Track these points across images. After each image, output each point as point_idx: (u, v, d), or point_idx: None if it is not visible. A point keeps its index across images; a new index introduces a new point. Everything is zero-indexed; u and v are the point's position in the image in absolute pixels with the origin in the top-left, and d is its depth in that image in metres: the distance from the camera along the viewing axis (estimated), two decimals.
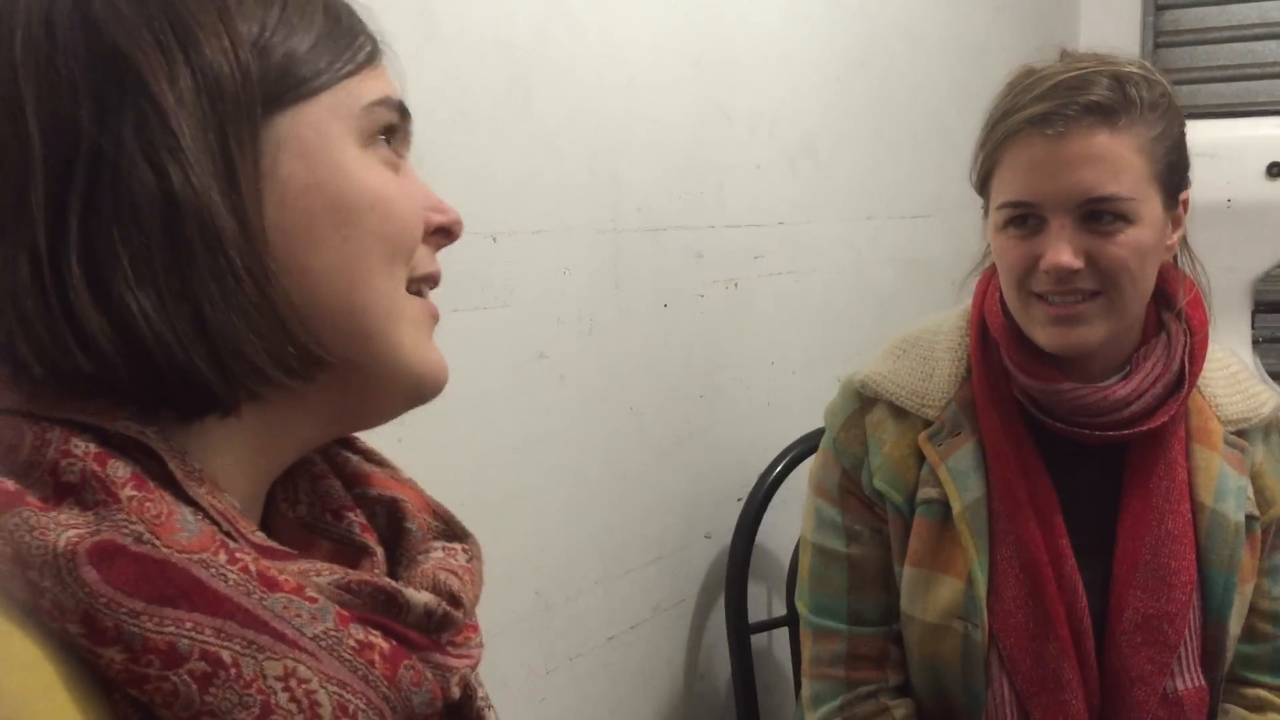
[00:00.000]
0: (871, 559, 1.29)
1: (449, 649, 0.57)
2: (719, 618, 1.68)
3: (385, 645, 0.52)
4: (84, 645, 0.46)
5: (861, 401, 1.31)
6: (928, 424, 1.26)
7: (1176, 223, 1.22)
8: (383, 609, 0.54)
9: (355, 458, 0.66)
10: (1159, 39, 2.97)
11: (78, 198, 0.50)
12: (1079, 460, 1.24)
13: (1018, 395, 1.24)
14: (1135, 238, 1.14)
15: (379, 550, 0.61)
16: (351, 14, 0.59)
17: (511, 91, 1.27)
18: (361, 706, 0.50)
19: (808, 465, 1.72)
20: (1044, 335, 1.18)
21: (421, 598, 0.55)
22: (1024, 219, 1.17)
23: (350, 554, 0.61)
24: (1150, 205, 1.15)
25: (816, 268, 1.91)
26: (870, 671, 1.29)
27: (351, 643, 0.51)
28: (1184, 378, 1.21)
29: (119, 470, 0.49)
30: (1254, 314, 2.41)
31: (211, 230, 0.51)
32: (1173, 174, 1.19)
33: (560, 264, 1.35)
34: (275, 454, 0.58)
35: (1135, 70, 1.18)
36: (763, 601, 1.72)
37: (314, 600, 0.51)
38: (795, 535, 1.72)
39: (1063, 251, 1.13)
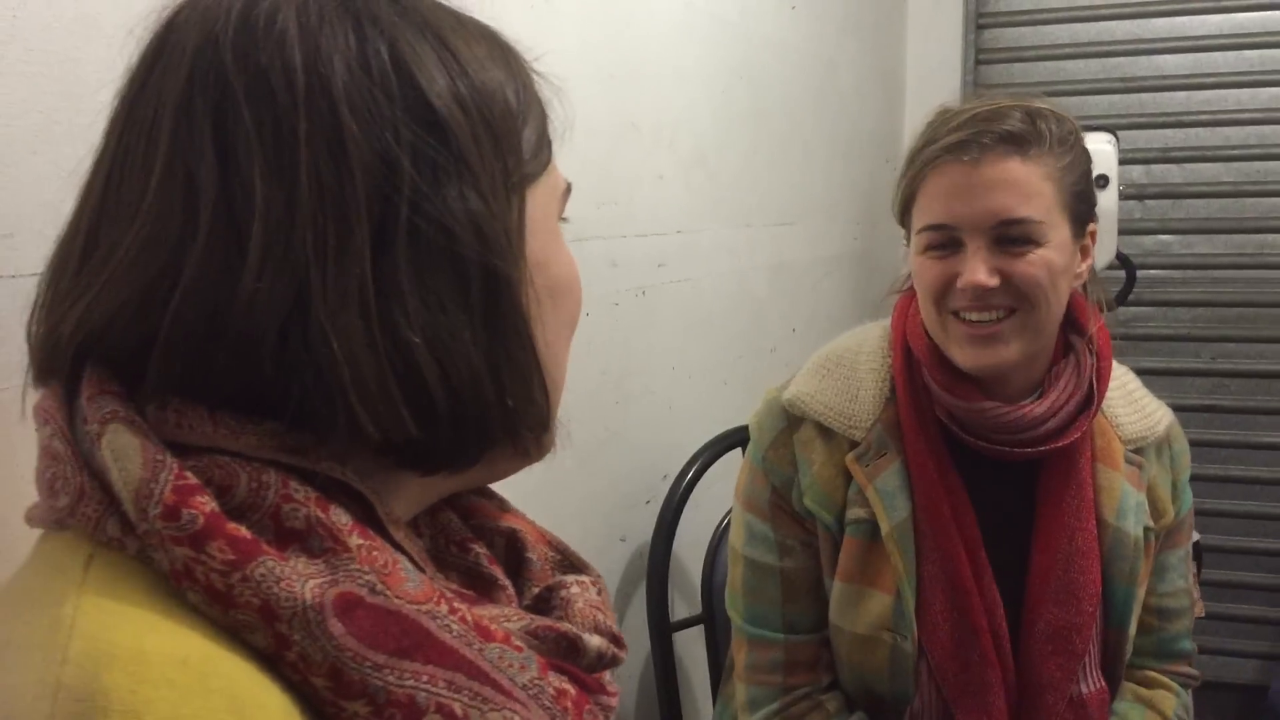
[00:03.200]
0: (803, 571, 1.34)
1: (606, 688, 0.59)
2: (636, 619, 1.71)
3: (573, 691, 0.54)
4: (328, 698, 0.46)
5: (789, 419, 1.35)
6: (854, 445, 1.30)
7: (1085, 253, 1.28)
8: (565, 654, 0.55)
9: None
10: (979, 56, 3.16)
11: (404, 249, 0.48)
12: (996, 480, 1.31)
13: (940, 415, 1.29)
14: (1045, 257, 1.21)
15: (509, 584, 0.62)
16: (546, 97, 0.60)
17: None
18: None
19: (714, 471, 1.78)
20: (962, 354, 1.24)
21: (595, 641, 0.57)
22: (943, 244, 1.24)
23: (480, 586, 0.61)
24: (1059, 231, 1.22)
25: (706, 275, 1.96)
26: (805, 675, 1.34)
27: (551, 691, 0.52)
28: (1092, 396, 1.28)
29: (341, 517, 0.49)
30: None
31: (515, 308, 0.52)
32: (1080, 204, 1.26)
33: None
34: (429, 498, 0.59)
35: (1045, 108, 1.25)
36: (675, 601, 1.76)
37: (520, 649, 0.52)
38: (704, 537, 1.77)
39: (979, 270, 1.19)
